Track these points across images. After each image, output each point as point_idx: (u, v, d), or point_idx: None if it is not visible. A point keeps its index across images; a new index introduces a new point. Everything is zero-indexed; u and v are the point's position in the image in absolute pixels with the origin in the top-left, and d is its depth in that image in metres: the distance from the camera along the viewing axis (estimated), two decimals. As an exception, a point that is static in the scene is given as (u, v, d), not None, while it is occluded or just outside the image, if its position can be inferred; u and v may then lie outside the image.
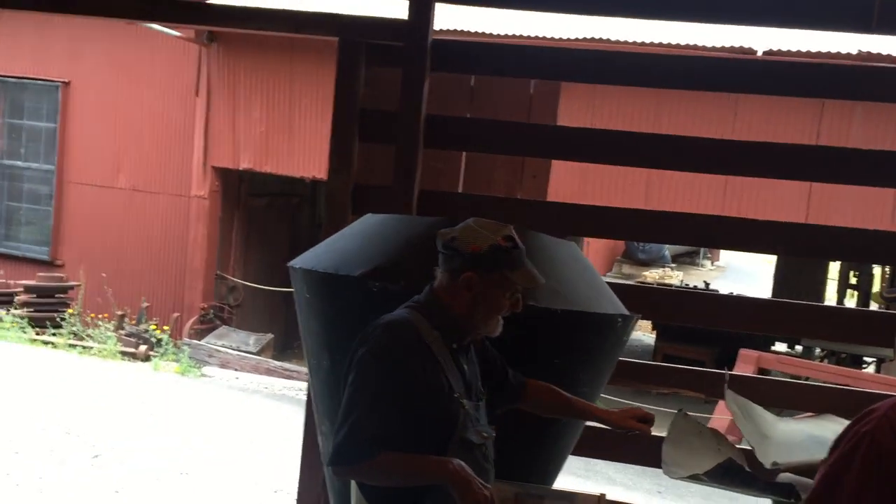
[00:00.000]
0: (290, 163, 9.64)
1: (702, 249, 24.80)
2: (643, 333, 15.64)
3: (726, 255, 25.68)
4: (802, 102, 7.02)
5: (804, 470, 2.56)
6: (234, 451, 5.95)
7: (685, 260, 27.40)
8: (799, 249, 3.92)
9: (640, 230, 3.88)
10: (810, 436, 3.03)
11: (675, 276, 25.65)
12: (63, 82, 11.27)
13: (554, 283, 2.50)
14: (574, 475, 6.33)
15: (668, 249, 22.93)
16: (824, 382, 8.85)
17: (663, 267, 27.86)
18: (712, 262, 27.30)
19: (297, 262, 2.77)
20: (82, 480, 5.10)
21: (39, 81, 11.42)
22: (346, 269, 2.53)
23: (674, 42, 6.95)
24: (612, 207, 3.86)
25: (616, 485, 6.34)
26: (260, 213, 11.53)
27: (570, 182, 7.76)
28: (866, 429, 1.30)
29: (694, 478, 2.37)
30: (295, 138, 9.51)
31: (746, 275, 22.15)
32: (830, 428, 3.18)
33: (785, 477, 2.59)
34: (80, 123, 11.23)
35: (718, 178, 7.26)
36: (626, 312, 2.67)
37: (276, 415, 7.12)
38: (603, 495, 2.41)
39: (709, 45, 6.92)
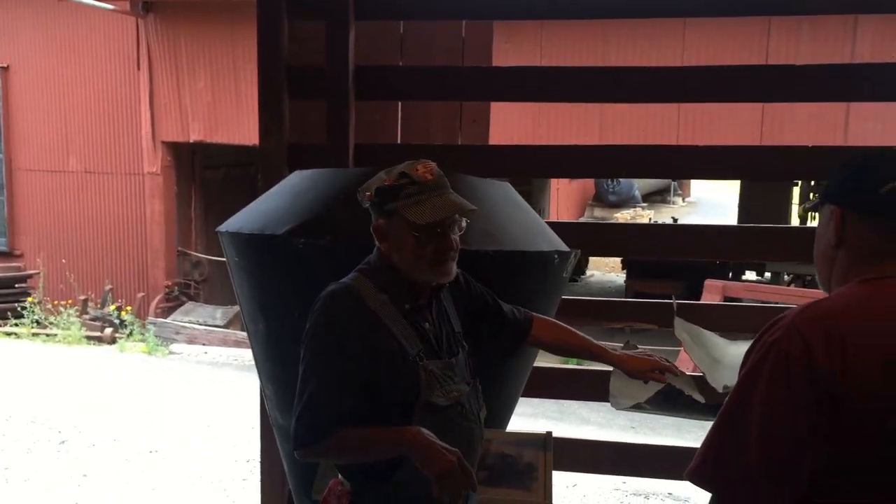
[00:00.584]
0: (241, 131, 9.46)
1: (672, 186, 24.91)
2: (616, 274, 15.75)
3: (697, 191, 25.86)
4: (749, 23, 6.96)
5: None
6: (203, 425, 5.91)
7: (656, 199, 27.53)
8: (756, 173, 3.87)
9: (590, 166, 3.81)
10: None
11: (646, 216, 25.81)
12: (1, 67, 10.94)
13: (485, 224, 2.44)
14: (547, 418, 6.39)
15: (638, 189, 23.01)
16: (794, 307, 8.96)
17: (634, 207, 27.97)
18: (683, 199, 27.48)
19: (225, 225, 2.68)
20: (49, 468, 5.04)
21: (-24, 68, 11.08)
22: (271, 228, 2.45)
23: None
24: (557, 146, 3.78)
25: (590, 424, 6.40)
26: (217, 185, 11.35)
27: (521, 126, 7.73)
28: (773, 338, 1.28)
29: (637, 407, 2.35)
30: (243, 106, 9.32)
31: (716, 207, 22.31)
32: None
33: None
34: (23, 108, 10.95)
35: (671, 109, 7.23)
36: (563, 249, 2.62)
37: (245, 385, 7.06)
38: (549, 433, 2.39)
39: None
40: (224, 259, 2.75)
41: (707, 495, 1.39)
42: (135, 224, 10.45)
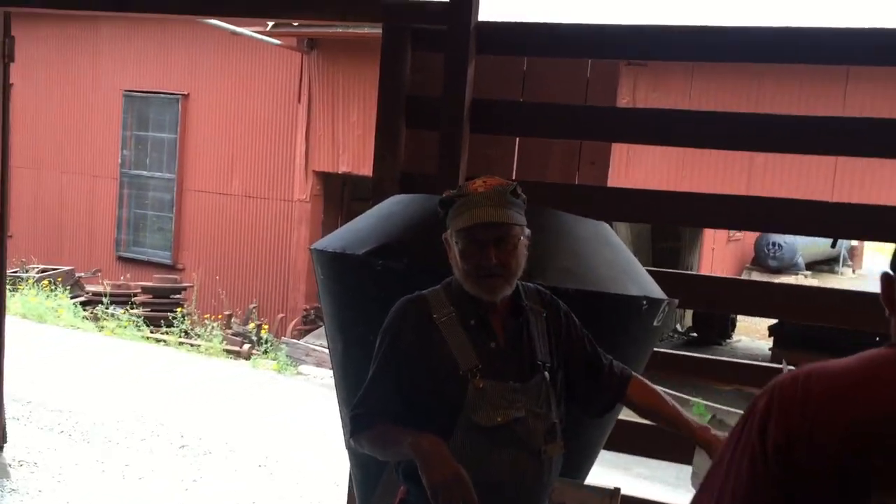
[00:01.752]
0: (388, 165, 9.71)
1: (842, 257, 23.32)
2: (765, 341, 14.85)
3: (870, 263, 24.10)
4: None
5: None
6: (313, 446, 6.01)
7: (823, 268, 25.87)
8: None
9: (717, 215, 3.55)
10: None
11: (807, 283, 24.24)
12: (182, 95, 11.85)
13: (568, 262, 2.35)
14: (664, 483, 6.04)
15: (801, 257, 21.70)
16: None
17: (796, 274, 26.41)
18: (854, 271, 25.65)
19: (317, 243, 2.73)
20: (164, 469, 5.27)
21: (162, 95, 12.06)
22: (353, 248, 2.47)
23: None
24: (678, 192, 3.62)
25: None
26: (364, 217, 11.71)
27: (661, 174, 7.46)
28: (754, 398, 1.21)
29: None
30: (391, 141, 9.58)
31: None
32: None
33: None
34: (197, 133, 11.79)
35: (827, 163, 6.75)
36: (656, 296, 2.47)
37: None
38: (617, 489, 2.24)
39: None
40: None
41: None
42: (283, 248, 10.94)
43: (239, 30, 9.81)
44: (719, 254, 20.86)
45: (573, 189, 3.63)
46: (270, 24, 9.46)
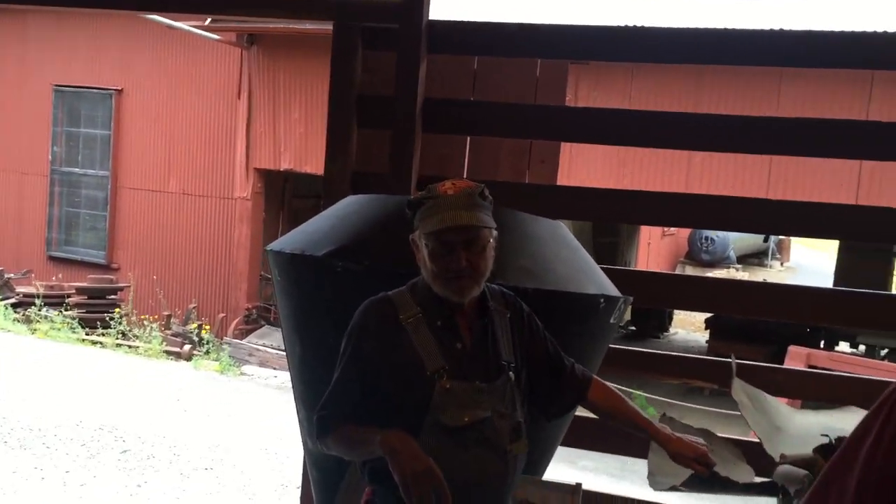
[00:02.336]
0: (330, 163, 9.63)
1: (770, 250, 24.07)
2: (700, 334, 15.23)
3: (797, 256, 24.91)
4: (851, 77, 6.65)
5: (806, 461, 2.38)
6: (261, 448, 5.95)
7: (753, 261, 26.61)
8: (851, 233, 3.63)
9: (661, 213, 3.64)
10: (828, 427, 2.83)
11: (738, 276, 24.95)
12: (116, 90, 11.55)
13: (527, 262, 2.37)
14: (608, 475, 6.17)
15: (733, 250, 22.32)
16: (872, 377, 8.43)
17: (728, 268, 27.13)
18: (782, 263, 26.48)
19: (273, 244, 2.70)
20: (107, 475, 5.14)
21: (94, 90, 11.73)
22: (312, 249, 2.45)
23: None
24: (625, 190, 3.68)
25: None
26: (306, 214, 11.53)
27: (604, 172, 7.60)
28: (890, 389, 1.18)
29: (674, 489, 2.22)
30: (334, 138, 9.51)
31: (816, 274, 21.42)
32: (849, 419, 2.97)
33: (782, 469, 2.41)
34: (132, 130, 11.51)
35: (762, 162, 6.96)
36: (612, 293, 2.52)
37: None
38: (579, 484, 2.28)
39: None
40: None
41: None
42: (223, 247, 10.76)
43: (176, 24, 9.60)
44: (655, 248, 21.30)
45: (523, 188, 3.66)
46: (209, 18, 9.29)
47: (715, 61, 3.89)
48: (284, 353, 7.93)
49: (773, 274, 26.56)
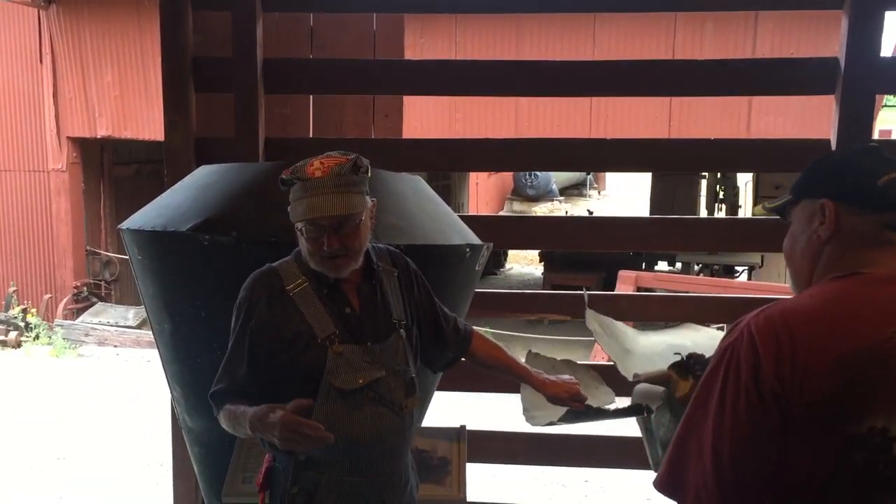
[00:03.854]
0: (152, 126, 9.18)
1: (588, 180, 25.43)
2: (534, 267, 15.95)
3: (611, 185, 26.42)
4: (657, 19, 7.12)
5: (660, 380, 2.62)
6: (114, 429, 5.73)
7: (573, 192, 27.92)
8: (664, 165, 3.95)
9: (503, 160, 3.78)
10: (670, 345, 3.09)
11: (563, 209, 26.20)
12: None
13: (396, 219, 2.43)
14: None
15: (555, 184, 23.39)
16: (702, 294, 9.25)
17: (552, 200, 28.35)
18: (599, 192, 28.02)
19: (127, 222, 2.60)
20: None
21: None
22: (175, 224, 2.38)
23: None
24: (470, 139, 3.79)
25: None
26: (129, 182, 11.00)
27: (437, 118, 7.74)
28: (729, 340, 1.28)
29: (551, 424, 2.38)
30: (154, 100, 9.03)
31: (630, 199, 22.89)
32: (688, 336, 3.27)
33: (640, 388, 2.64)
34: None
35: (583, 103, 7.35)
36: (475, 242, 2.63)
37: (156, 387, 6.88)
38: (463, 426, 2.40)
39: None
40: (136, 258, 2.68)
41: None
42: (40, 223, 10.03)
43: (-42, -16, 8.70)
44: (483, 187, 21.89)
45: (369, 143, 3.69)
46: (-4, -24, 8.48)
47: (536, 10, 4.08)
48: (124, 330, 7.60)
49: (592, 203, 28.09)
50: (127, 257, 2.72)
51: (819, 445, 1.20)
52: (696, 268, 11.05)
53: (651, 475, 1.47)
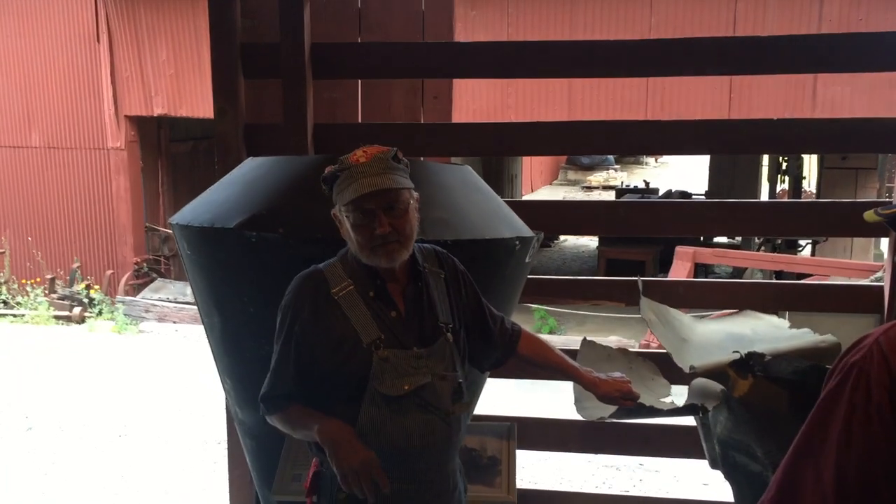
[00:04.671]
0: (206, 105, 9.22)
1: (644, 147, 25.00)
2: (589, 239, 15.76)
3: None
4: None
5: (716, 373, 2.54)
6: (174, 407, 5.86)
7: (629, 160, 27.50)
8: (726, 147, 3.80)
9: (556, 144, 3.68)
10: (728, 334, 3.01)
11: (618, 178, 25.83)
12: (-41, 39, 10.61)
13: (443, 212, 2.38)
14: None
15: (610, 152, 23.02)
16: (762, 270, 9.01)
17: (607, 169, 27.97)
18: (656, 160, 27.51)
19: (177, 216, 2.60)
20: (16, 456, 4.97)
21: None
22: (222, 220, 2.37)
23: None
24: (522, 123, 3.71)
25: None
26: (185, 159, 11.18)
27: (489, 97, 7.62)
28: (855, 358, 1.22)
29: (601, 419, 2.32)
30: (207, 79, 9.03)
31: (687, 166, 22.42)
32: (748, 324, 3.17)
33: (697, 383, 2.57)
34: (-17, 82, 10.64)
35: (639, 82, 7.16)
36: (525, 234, 2.57)
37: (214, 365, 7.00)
38: (513, 423, 2.37)
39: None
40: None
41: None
42: (101, 200, 10.26)
43: (17, -35, 8.85)
44: (537, 159, 21.68)
45: (420, 128, 3.62)
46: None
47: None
48: (183, 306, 7.74)
49: (649, 171, 27.62)
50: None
51: None
52: (757, 240, 10.76)
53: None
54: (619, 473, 4.89)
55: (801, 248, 10.52)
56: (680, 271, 7.38)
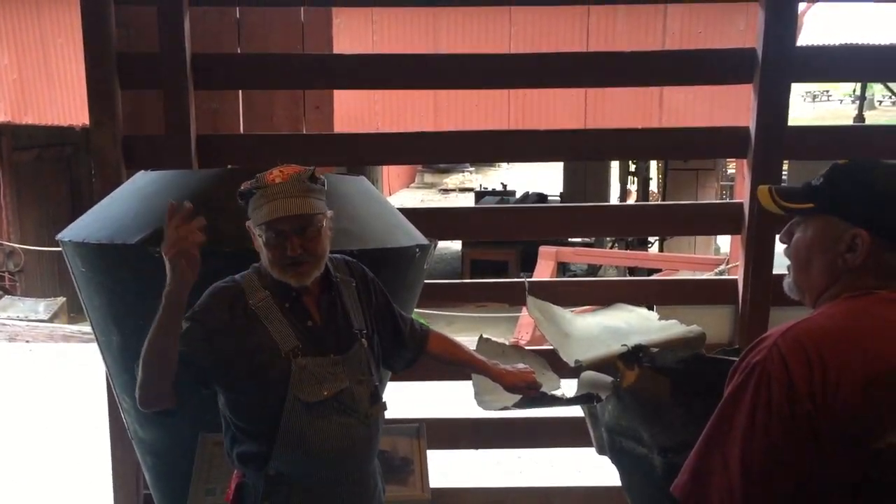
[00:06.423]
0: (54, 111, 8.80)
1: (498, 150, 25.70)
2: (453, 242, 16.07)
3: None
4: (571, 9, 7.24)
5: (602, 365, 2.73)
6: (28, 435, 5.54)
7: (483, 163, 28.09)
8: (582, 154, 4.03)
9: (427, 152, 3.80)
10: (605, 327, 3.22)
11: (473, 180, 26.36)
12: None
13: (347, 223, 2.45)
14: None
15: (465, 154, 23.47)
16: (616, 267, 9.56)
17: (462, 172, 28.48)
18: (508, 163, 28.30)
19: (67, 233, 2.53)
20: None
21: None
22: (122, 236, 2.34)
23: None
24: (397, 133, 3.82)
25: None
26: (29, 168, 10.53)
27: (358, 107, 7.69)
28: (757, 359, 1.30)
29: (504, 409, 2.44)
30: (55, 84, 8.66)
31: (537, 167, 23.27)
32: (621, 316, 3.40)
33: (586, 376, 2.74)
34: None
35: (501, 93, 7.43)
36: (424, 241, 2.67)
37: (76, 384, 6.68)
38: (422, 423, 2.46)
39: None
40: (42, 248, 2.61)
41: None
42: (-66, 214, 9.51)
43: None
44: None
45: (302, 139, 3.65)
46: None
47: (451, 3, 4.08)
48: (36, 325, 7.27)
49: (502, 172, 28.44)
50: (32, 247, 2.64)
51: (844, 460, 1.24)
52: (609, 239, 11.38)
53: (585, 451, 1.47)
54: (499, 467, 5.08)
55: (650, 245, 11.23)
56: (544, 270, 7.72)
